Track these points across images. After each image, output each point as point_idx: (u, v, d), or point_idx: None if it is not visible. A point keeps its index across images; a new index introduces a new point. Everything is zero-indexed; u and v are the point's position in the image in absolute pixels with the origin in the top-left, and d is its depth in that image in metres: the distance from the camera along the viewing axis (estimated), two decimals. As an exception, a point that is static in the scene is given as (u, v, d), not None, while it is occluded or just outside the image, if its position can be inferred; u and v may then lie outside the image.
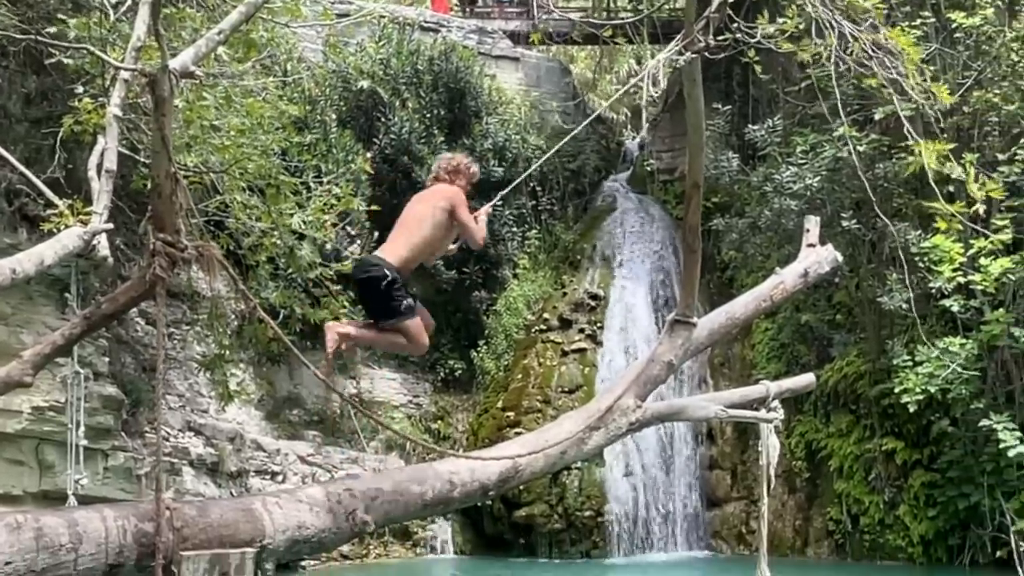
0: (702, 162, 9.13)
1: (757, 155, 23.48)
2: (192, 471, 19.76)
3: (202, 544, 6.26)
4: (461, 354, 26.09)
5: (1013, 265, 16.88)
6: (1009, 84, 18.59)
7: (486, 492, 8.56)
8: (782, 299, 10.49)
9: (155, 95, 6.29)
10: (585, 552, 22.61)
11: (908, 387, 17.78)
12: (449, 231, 8.78)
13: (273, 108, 13.75)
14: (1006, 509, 17.90)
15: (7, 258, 8.35)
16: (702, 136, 8.77)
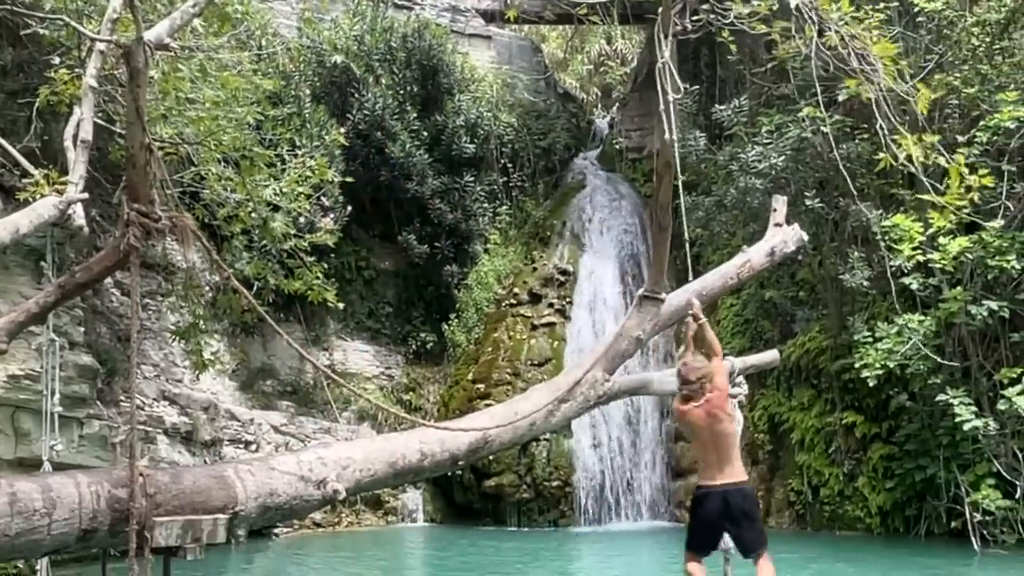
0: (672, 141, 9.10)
1: (724, 135, 23.47)
2: (167, 440, 19.70)
3: (175, 510, 6.24)
4: (432, 327, 26.08)
5: (971, 245, 16.97)
6: (969, 68, 18.64)
7: (456, 462, 8.57)
8: (748, 277, 10.53)
9: (130, 67, 6.23)
10: (553, 521, 22.68)
11: (868, 362, 17.86)
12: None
13: (248, 82, 13.64)
14: (961, 481, 18.04)
15: (-17, 227, 8.27)
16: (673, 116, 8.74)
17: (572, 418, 9.64)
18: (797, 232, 10.82)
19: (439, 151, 25.50)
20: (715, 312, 23.95)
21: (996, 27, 18.80)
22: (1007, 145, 17.53)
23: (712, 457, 7.85)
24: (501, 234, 27.25)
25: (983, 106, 18.09)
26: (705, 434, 7.86)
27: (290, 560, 19.00)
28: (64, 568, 14.07)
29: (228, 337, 22.41)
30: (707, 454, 7.93)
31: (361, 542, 20.94)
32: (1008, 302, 17.36)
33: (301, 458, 7.44)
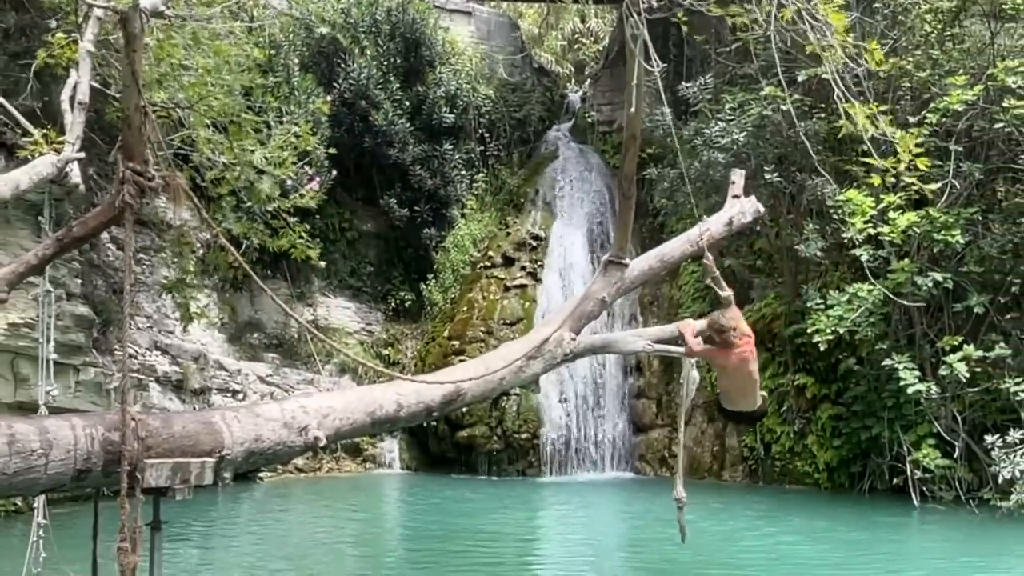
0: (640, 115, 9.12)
1: (689, 111, 23.47)
2: (158, 387, 19.70)
3: (165, 453, 6.26)
4: (411, 286, 26.12)
5: (919, 219, 17.08)
6: (922, 53, 18.69)
7: (430, 413, 8.61)
8: (708, 245, 10.57)
9: (126, 32, 6.18)
10: (521, 471, 22.81)
11: (820, 328, 17.99)
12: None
13: (239, 50, 13.51)
14: (903, 441, 18.24)
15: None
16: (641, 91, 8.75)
17: (540, 374, 9.70)
18: (754, 204, 10.87)
19: (420, 120, 25.45)
20: (677, 278, 24.05)
21: (947, 15, 18.84)
22: (955, 126, 17.62)
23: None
24: (477, 200, 27.24)
25: (933, 89, 18.16)
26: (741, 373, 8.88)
27: (273, 503, 19.06)
28: (59, 506, 14.08)
29: (217, 292, 22.37)
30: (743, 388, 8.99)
31: (340, 487, 21.02)
32: (952, 274, 17.50)
33: (285, 407, 7.46)
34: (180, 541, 13.77)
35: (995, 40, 18.79)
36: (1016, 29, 18.50)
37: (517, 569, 12.98)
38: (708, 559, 13.02)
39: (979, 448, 17.27)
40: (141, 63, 6.46)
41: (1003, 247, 17.56)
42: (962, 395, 17.52)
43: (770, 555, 13.69)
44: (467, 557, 13.31)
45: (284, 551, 14.08)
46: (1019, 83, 17.08)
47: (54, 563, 10.07)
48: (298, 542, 14.86)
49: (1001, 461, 15.98)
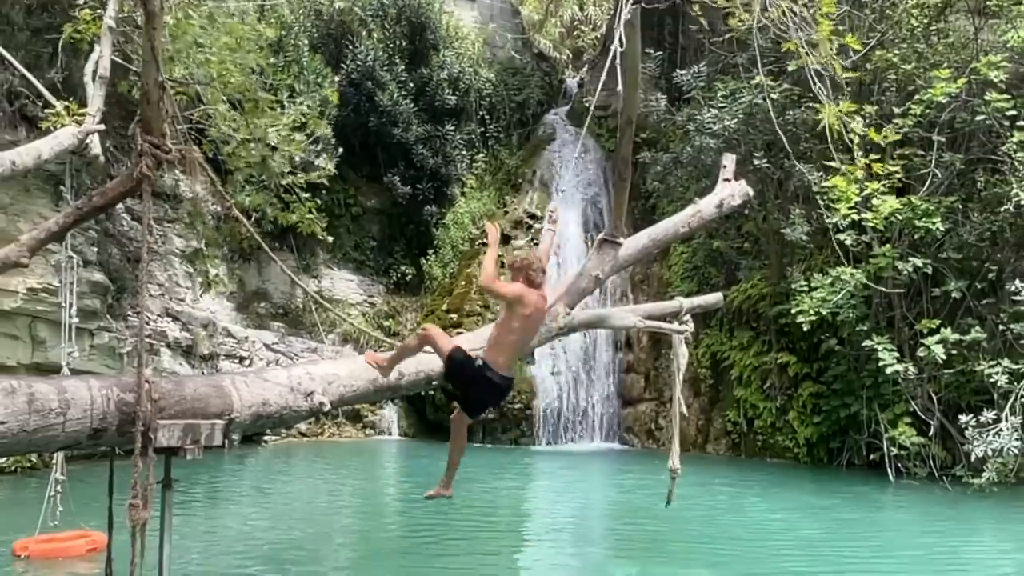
0: (636, 100, 9.13)
1: (683, 97, 23.45)
2: (169, 352, 19.75)
3: (177, 415, 6.29)
4: (412, 261, 26.15)
5: (901, 206, 17.11)
6: (907, 46, 18.68)
7: (430, 382, 8.66)
8: (699, 227, 10.58)
9: (146, 9, 6.19)
10: (514, 440, 22.89)
11: (803, 309, 18.03)
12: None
13: (252, 30, 13.51)
14: (881, 419, 18.31)
15: (8, 151, 8.23)
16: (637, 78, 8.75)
17: (535, 347, 9.74)
18: (744, 188, 10.86)
19: (424, 101, 25.42)
20: (667, 257, 24.08)
21: (933, 10, 18.84)
22: (938, 118, 17.63)
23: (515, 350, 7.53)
24: (477, 179, 27.24)
25: (918, 81, 18.15)
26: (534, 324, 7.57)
27: (277, 465, 19.13)
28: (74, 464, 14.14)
29: (227, 262, 22.36)
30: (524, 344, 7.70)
31: (341, 452, 21.09)
32: (931, 260, 17.56)
33: (292, 373, 7.49)
34: (189, 499, 13.85)
35: (979, 35, 18.79)
36: (999, 25, 18.48)
37: (509, 533, 13.06)
38: (691, 526, 13.10)
39: (953, 427, 17.36)
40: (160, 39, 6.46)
41: (981, 235, 17.60)
42: (938, 376, 17.60)
43: (750, 524, 13.77)
44: (461, 520, 13.37)
45: (286, 510, 14.16)
46: (1001, 77, 17.09)
47: (69, 517, 10.15)
48: (300, 502, 14.94)
49: (974, 440, 16.06)
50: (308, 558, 10.77)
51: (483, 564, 10.78)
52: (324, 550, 11.36)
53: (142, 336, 6.62)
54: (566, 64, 33.52)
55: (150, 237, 6.30)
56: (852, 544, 12.55)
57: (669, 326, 9.52)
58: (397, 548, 11.81)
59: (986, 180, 17.84)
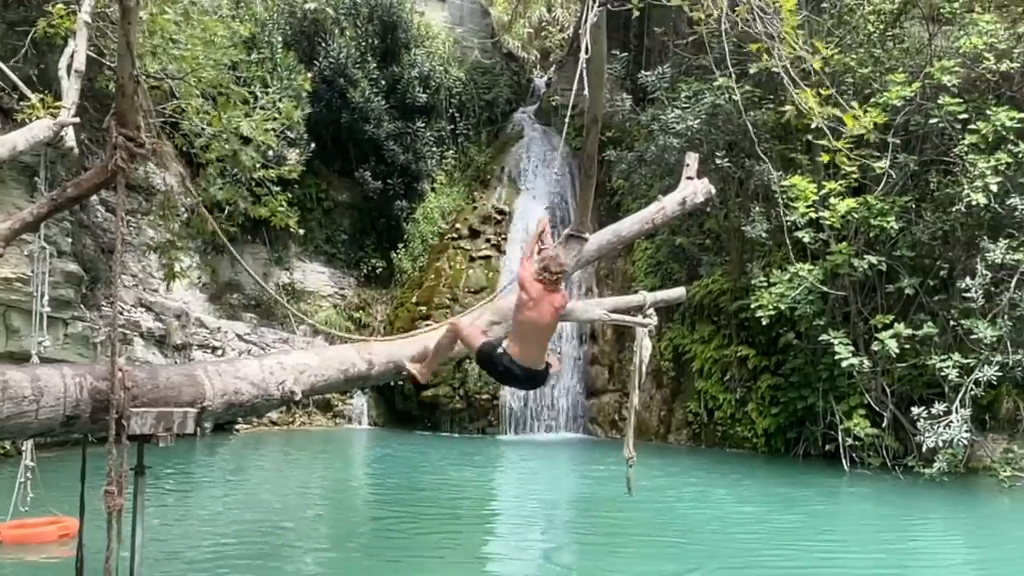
0: (601, 100, 9.14)
1: (647, 98, 23.48)
2: (142, 342, 19.58)
3: (150, 403, 6.23)
4: (382, 254, 26.07)
5: (857, 205, 17.24)
6: (864, 51, 18.79)
7: (399, 372, 8.60)
8: (662, 223, 10.61)
9: (122, 4, 6.11)
10: (481, 429, 22.88)
11: (762, 304, 18.13)
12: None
13: (226, 27, 13.40)
14: (836, 410, 18.45)
15: (-18, 142, 8.12)
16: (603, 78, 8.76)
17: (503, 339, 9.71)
18: (706, 186, 10.89)
19: (395, 98, 25.33)
20: (632, 253, 24.13)
21: (889, 16, 18.97)
22: (893, 120, 17.74)
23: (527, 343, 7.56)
24: (447, 175, 27.21)
25: (874, 85, 18.27)
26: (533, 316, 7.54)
27: (248, 453, 19.03)
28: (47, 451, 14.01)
29: (200, 254, 22.21)
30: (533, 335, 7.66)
31: (312, 440, 21.01)
32: (886, 257, 17.69)
33: (263, 362, 7.44)
34: (162, 486, 13.74)
35: (932, 41, 18.94)
36: (952, 32, 18.62)
37: (475, 519, 13.05)
38: (652, 513, 13.14)
39: (905, 419, 17.50)
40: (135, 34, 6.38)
41: (933, 234, 17.76)
42: (891, 370, 17.74)
43: (709, 510, 13.84)
44: (428, 507, 13.37)
45: (257, 497, 14.09)
46: (953, 82, 17.23)
47: (41, 504, 10.04)
48: (270, 489, 14.87)
49: (925, 432, 16.21)
50: (278, 543, 10.72)
51: (450, 551, 10.78)
52: (294, 536, 11.31)
53: (115, 325, 6.56)
54: (534, 64, 33.49)
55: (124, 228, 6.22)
56: (808, 531, 12.66)
57: (633, 319, 9.53)
58: (366, 533, 11.78)
59: (938, 181, 17.98)
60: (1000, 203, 16.61)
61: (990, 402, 17.53)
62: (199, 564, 9.52)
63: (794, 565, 10.56)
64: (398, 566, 9.87)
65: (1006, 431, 17.78)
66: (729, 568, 10.25)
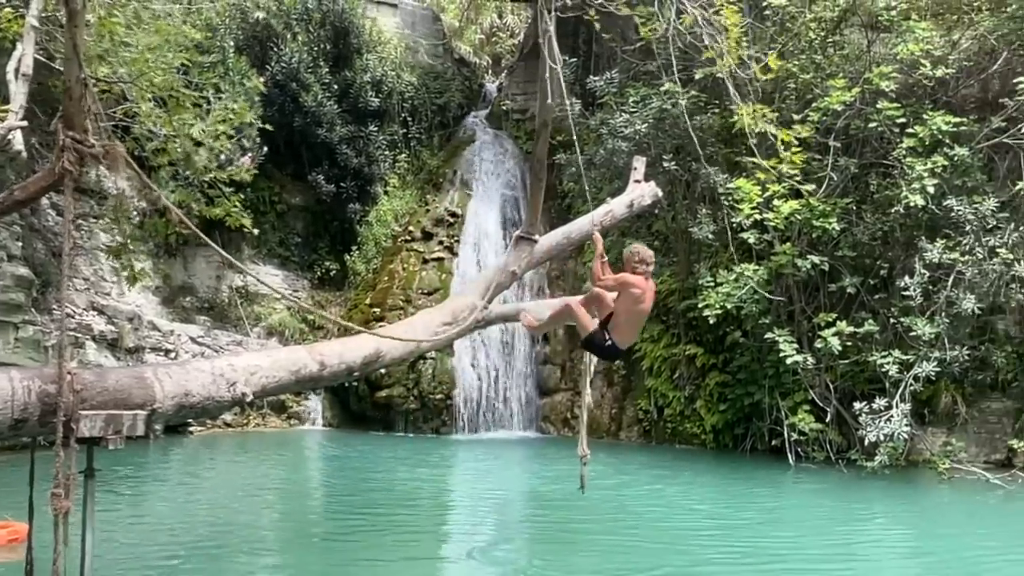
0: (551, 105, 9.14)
1: (596, 103, 23.54)
2: (94, 345, 19.29)
3: (99, 406, 6.12)
4: (336, 257, 25.89)
5: (800, 207, 17.41)
6: (806, 57, 18.98)
7: (351, 373, 8.56)
8: (611, 225, 10.65)
9: (68, 8, 6.02)
10: (435, 429, 22.78)
11: (710, 303, 18.25)
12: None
13: (177, 31, 13.22)
14: (781, 406, 18.61)
15: (-72, 147, 7.95)
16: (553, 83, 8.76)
17: (454, 339, 9.71)
18: (653, 189, 10.96)
19: (347, 103, 25.18)
20: (582, 254, 24.13)
21: (830, 24, 19.17)
22: (834, 124, 17.96)
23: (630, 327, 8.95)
24: (399, 178, 27.08)
25: (816, 90, 18.47)
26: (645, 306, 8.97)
27: (202, 455, 18.79)
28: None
29: (153, 257, 21.91)
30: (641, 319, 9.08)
31: (266, 442, 20.80)
32: (828, 257, 17.88)
33: (215, 364, 7.35)
34: (114, 489, 13.52)
35: (871, 48, 19.18)
36: (890, 39, 18.86)
37: (430, 519, 12.98)
38: (604, 508, 13.17)
39: (848, 414, 17.71)
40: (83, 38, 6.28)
41: (873, 234, 18.00)
42: (834, 366, 17.94)
43: (660, 506, 13.88)
44: (384, 507, 13.29)
45: (211, 499, 13.91)
46: (891, 87, 17.48)
47: (-10, 509, 9.85)
48: (224, 491, 14.69)
49: (867, 426, 16.41)
50: (231, 545, 10.60)
51: (403, 550, 10.71)
52: (248, 538, 11.18)
53: (64, 328, 6.43)
54: (485, 69, 33.49)
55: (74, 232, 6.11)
56: (756, 525, 12.75)
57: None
58: (320, 534, 11.68)
59: (878, 183, 18.22)
60: (937, 204, 16.87)
61: (929, 397, 17.77)
62: (152, 566, 9.37)
63: (742, 557, 10.62)
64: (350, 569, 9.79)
65: (945, 425, 18.03)
66: (680, 562, 10.29)
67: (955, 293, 16.59)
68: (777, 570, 10.14)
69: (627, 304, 8.76)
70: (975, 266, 16.55)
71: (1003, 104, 17.45)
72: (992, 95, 18.63)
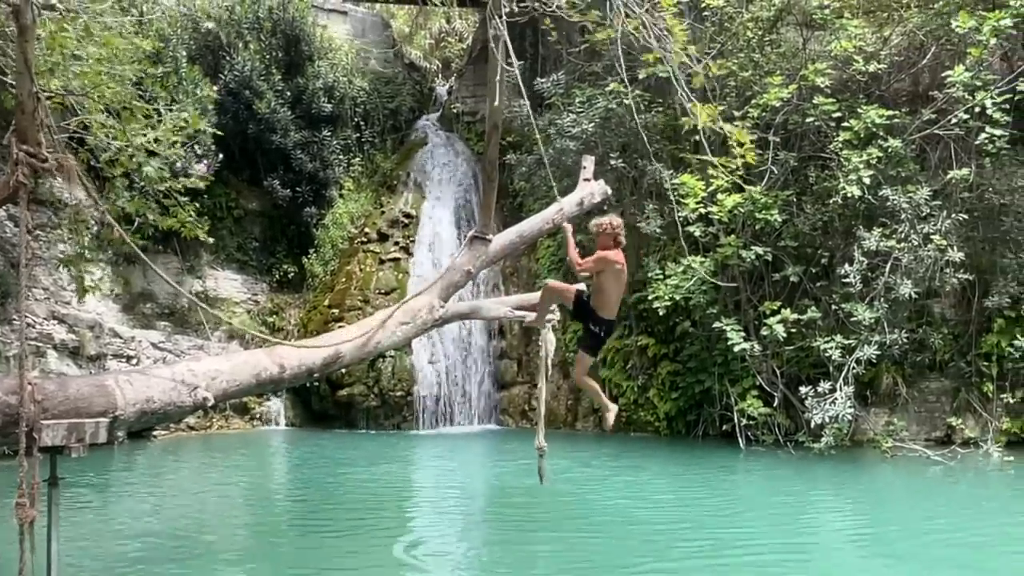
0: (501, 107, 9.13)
1: (544, 104, 23.57)
2: (56, 354, 18.99)
3: (62, 415, 6.03)
4: (294, 260, 25.71)
5: (743, 200, 17.54)
6: (744, 56, 19.13)
7: (312, 374, 8.50)
8: (562, 222, 10.65)
9: (19, 23, 5.93)
10: (396, 425, 22.72)
11: (659, 295, 18.36)
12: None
13: (129, 43, 13.02)
14: (731, 392, 18.77)
15: None
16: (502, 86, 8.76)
17: (412, 337, 9.66)
18: (602, 186, 10.99)
19: (300, 109, 25.00)
20: (535, 251, 24.19)
21: (766, 23, 19.34)
22: (773, 120, 18.11)
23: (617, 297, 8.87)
24: (354, 182, 26.96)
25: (755, 87, 18.61)
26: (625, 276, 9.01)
27: (167, 459, 18.58)
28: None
29: (112, 265, 21.59)
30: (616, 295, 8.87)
31: (230, 443, 20.61)
32: (771, 248, 18.05)
33: (175, 370, 7.27)
34: (77, 497, 13.33)
35: (806, 46, 19.38)
36: (824, 36, 19.07)
37: (394, 512, 12.93)
38: (565, 498, 13.20)
39: (795, 398, 17.89)
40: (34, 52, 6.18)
41: (814, 224, 18.19)
42: (780, 352, 18.12)
43: (618, 492, 13.94)
44: (348, 503, 13.23)
45: (177, 503, 13.75)
46: (826, 83, 17.68)
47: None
48: (190, 494, 14.53)
49: (813, 409, 16.61)
50: (199, 547, 10.49)
51: (369, 544, 10.66)
52: (215, 539, 11.08)
53: (23, 339, 6.33)
54: (436, 73, 33.42)
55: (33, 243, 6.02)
56: (709, 504, 12.86)
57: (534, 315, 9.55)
58: (286, 533, 11.59)
59: (817, 175, 18.41)
60: (873, 194, 17.08)
61: (871, 379, 18.02)
62: (119, 572, 9.25)
63: (698, 539, 10.70)
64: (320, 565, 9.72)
65: (887, 405, 18.30)
66: (638, 548, 10.34)
67: (893, 279, 16.81)
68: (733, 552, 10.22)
69: (611, 279, 8.77)
70: (911, 252, 16.77)
71: (933, 97, 17.70)
72: (922, 88, 18.90)
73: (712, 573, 9.34)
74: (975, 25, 16.60)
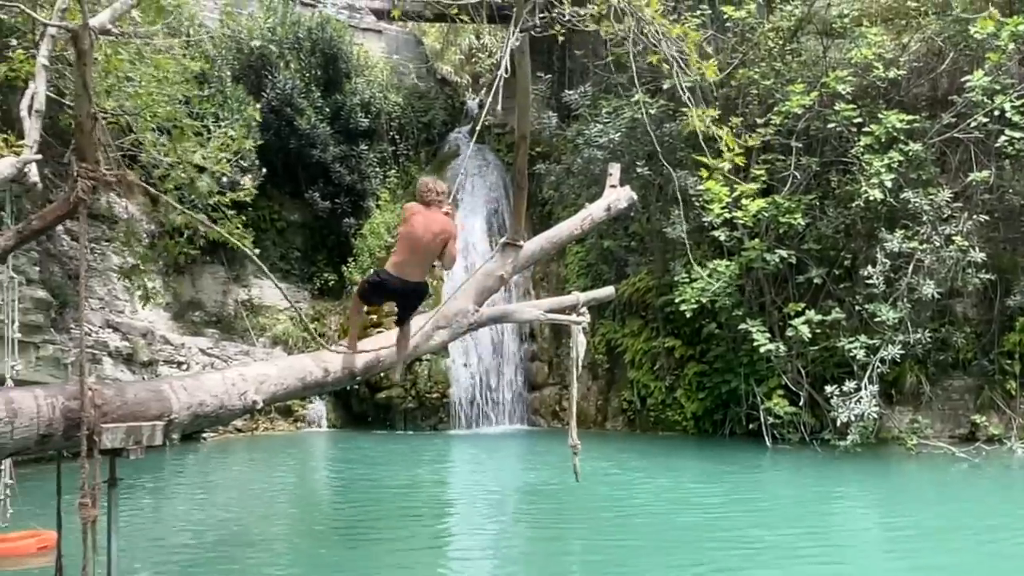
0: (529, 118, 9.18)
1: (571, 115, 23.61)
2: (111, 360, 19.21)
3: (120, 419, 6.12)
4: (334, 268, 25.87)
5: (766, 205, 17.49)
6: (766, 65, 19.07)
7: (354, 377, 8.55)
8: (590, 228, 10.67)
9: (77, 48, 6.03)
10: (433, 426, 22.81)
11: (685, 298, 18.33)
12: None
13: (178, 64, 13.21)
14: (757, 392, 18.69)
15: (-51, 181, 7.94)
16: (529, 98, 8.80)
17: (448, 342, 9.70)
18: (628, 193, 10.99)
19: (339, 124, 25.19)
20: (564, 257, 24.21)
21: (787, 32, 19.27)
22: (795, 127, 18.05)
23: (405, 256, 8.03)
24: (390, 193, 27.09)
25: (777, 95, 18.54)
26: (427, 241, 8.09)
27: (216, 460, 18.76)
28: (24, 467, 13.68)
29: (163, 276, 21.86)
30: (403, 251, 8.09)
31: (275, 445, 20.77)
32: (795, 251, 17.97)
33: (226, 375, 7.34)
34: (136, 496, 13.51)
35: (827, 53, 19.29)
36: (844, 44, 18.98)
37: (432, 511, 13.00)
38: (598, 495, 13.20)
39: (820, 397, 17.78)
40: (91, 75, 6.30)
41: (837, 228, 18.10)
42: (805, 353, 18.01)
43: (649, 490, 13.94)
44: (388, 501, 13.30)
45: (226, 502, 13.90)
46: (847, 90, 17.57)
47: (20, 518, 9.84)
48: (238, 494, 14.68)
49: (838, 408, 16.50)
50: (248, 544, 10.60)
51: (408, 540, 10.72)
52: (263, 536, 11.19)
53: (83, 347, 6.44)
54: (466, 87, 33.54)
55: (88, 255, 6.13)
56: (737, 501, 12.81)
57: (568, 318, 9.57)
58: (331, 530, 11.68)
59: (839, 180, 18.33)
60: (895, 197, 16.97)
61: (895, 378, 17.88)
62: (175, 568, 9.38)
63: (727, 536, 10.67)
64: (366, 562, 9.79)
65: (911, 403, 18.16)
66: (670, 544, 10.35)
67: (915, 280, 16.69)
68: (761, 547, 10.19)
69: (403, 234, 8.26)
70: (933, 253, 16.66)
71: (952, 101, 17.59)
72: (941, 93, 18.77)
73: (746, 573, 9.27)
74: (993, 30, 16.48)
